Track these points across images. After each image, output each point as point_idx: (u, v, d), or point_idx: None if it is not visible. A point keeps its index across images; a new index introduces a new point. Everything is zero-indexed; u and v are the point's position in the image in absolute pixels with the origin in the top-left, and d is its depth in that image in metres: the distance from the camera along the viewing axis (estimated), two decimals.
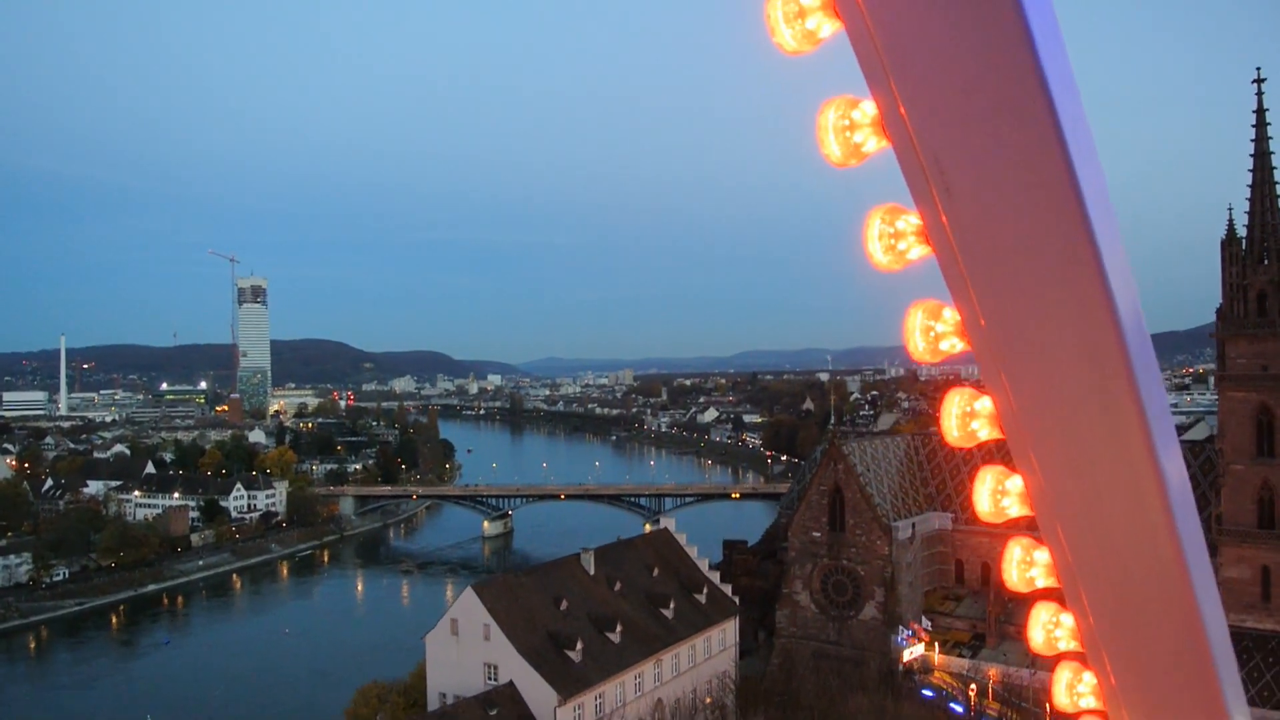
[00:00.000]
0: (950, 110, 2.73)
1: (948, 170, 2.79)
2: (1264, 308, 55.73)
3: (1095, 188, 2.68)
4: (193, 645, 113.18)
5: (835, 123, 3.13)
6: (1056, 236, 2.71)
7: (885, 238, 3.19)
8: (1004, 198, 2.76)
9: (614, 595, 57.34)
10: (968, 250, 2.90)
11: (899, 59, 2.76)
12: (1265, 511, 55.83)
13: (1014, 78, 2.58)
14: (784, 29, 3.01)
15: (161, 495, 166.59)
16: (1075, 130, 2.62)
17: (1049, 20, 2.59)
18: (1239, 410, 56.29)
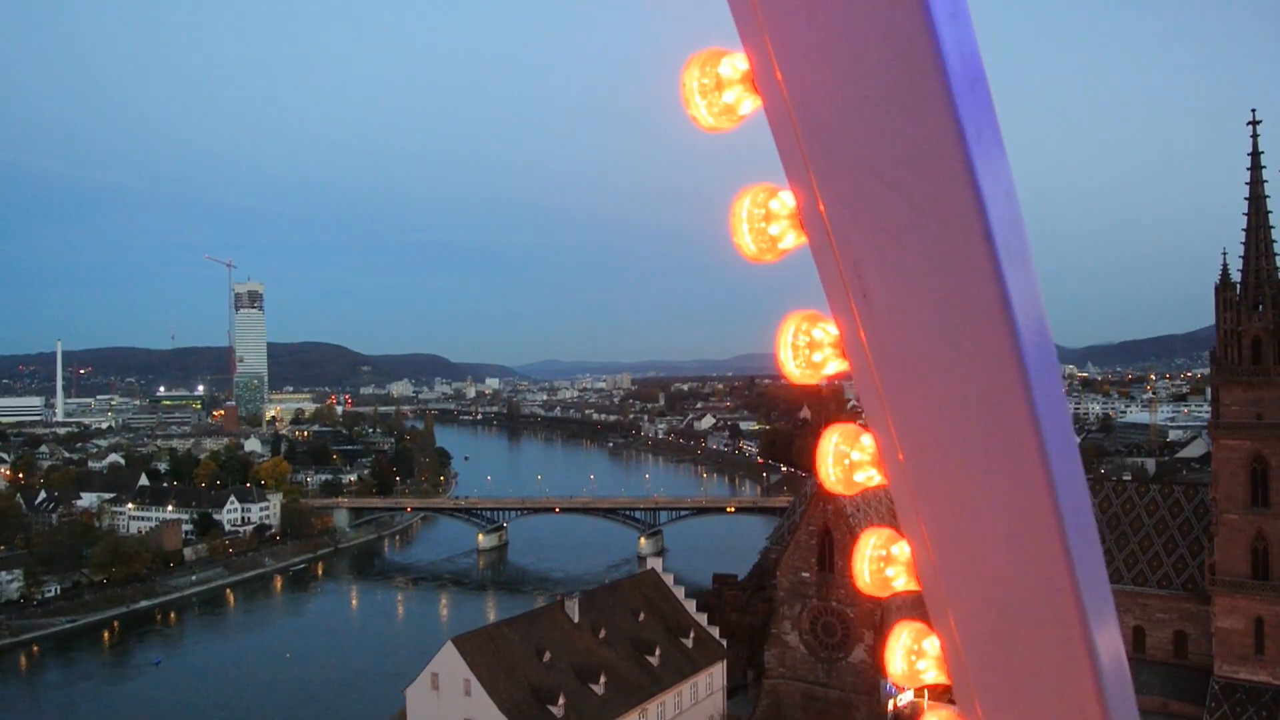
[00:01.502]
0: (872, 210, 2.46)
1: (866, 275, 2.53)
2: (1259, 355, 55.03)
3: (1027, 303, 2.40)
4: (184, 666, 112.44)
5: (750, 211, 2.82)
6: (982, 361, 2.44)
7: (800, 349, 2.86)
8: (926, 311, 2.49)
9: (598, 643, 56.58)
10: (884, 369, 2.61)
11: (817, 145, 2.49)
12: (1259, 562, 55.15)
13: (945, 178, 2.33)
14: (698, 100, 2.73)
15: (155, 508, 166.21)
16: (1008, 238, 2.36)
17: (986, 117, 2.34)
18: (1233, 459, 55.59)
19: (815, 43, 2.42)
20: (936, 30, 2.25)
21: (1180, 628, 60.32)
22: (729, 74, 2.71)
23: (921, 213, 2.39)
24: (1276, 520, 54.61)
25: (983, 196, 2.31)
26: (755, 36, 2.51)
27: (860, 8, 2.32)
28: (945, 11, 2.28)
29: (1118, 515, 64.06)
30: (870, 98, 2.37)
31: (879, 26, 2.31)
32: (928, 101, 2.29)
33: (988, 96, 2.39)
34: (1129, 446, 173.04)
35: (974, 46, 2.36)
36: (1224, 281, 56.37)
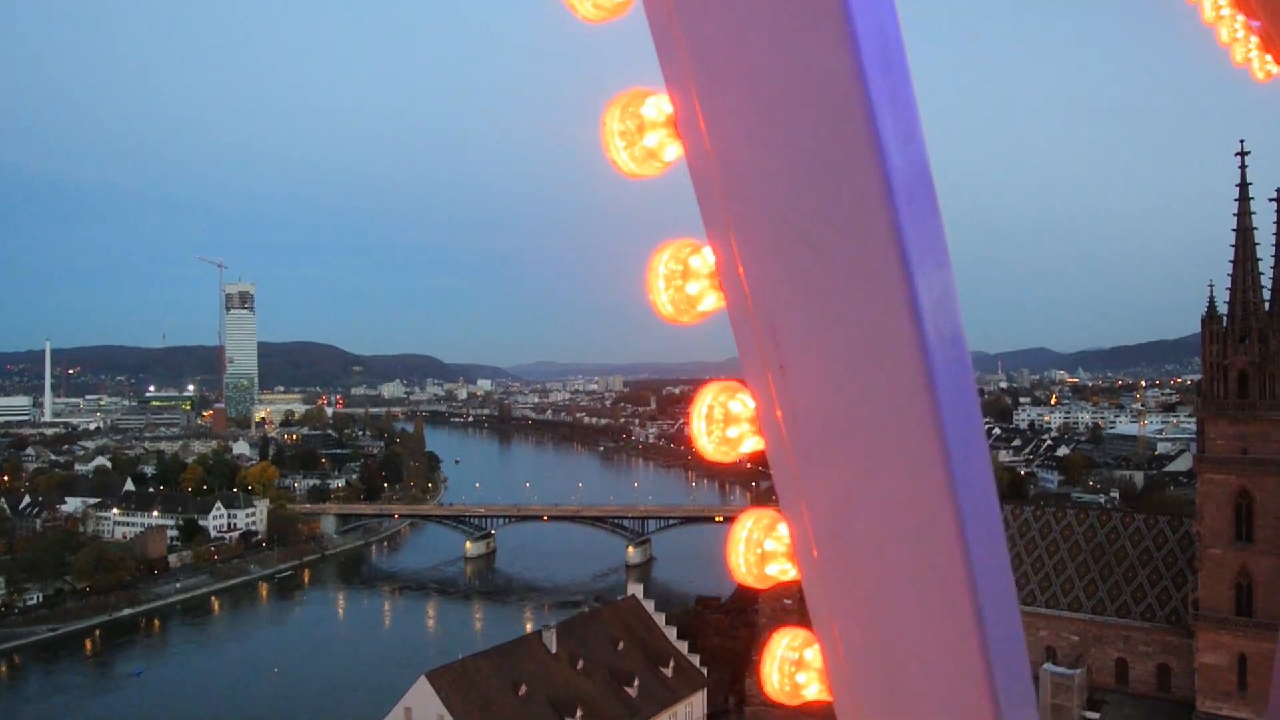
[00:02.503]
0: (792, 274, 2.32)
1: (783, 344, 2.38)
2: (1245, 388, 54.55)
3: (955, 389, 2.27)
4: (165, 677, 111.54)
5: (669, 267, 2.62)
6: (903, 453, 2.29)
7: (715, 421, 2.64)
8: (844, 391, 2.35)
9: (576, 674, 55.93)
10: (799, 452, 2.43)
11: (738, 199, 2.34)
12: (1243, 598, 54.69)
13: (870, 244, 2.21)
14: (618, 144, 2.55)
15: (141, 513, 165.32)
16: (938, 316, 2.24)
17: (920, 177, 2.24)
18: (1217, 493, 55.14)
19: (741, 89, 2.26)
20: (866, 77, 2.12)
21: (1163, 661, 59.85)
22: (653, 116, 2.53)
23: (842, 280, 2.25)
24: (1261, 556, 54.18)
25: (910, 268, 2.16)
26: (680, 79, 2.35)
27: (788, 54, 2.17)
28: (877, 57, 2.14)
29: (1102, 545, 63.58)
30: (795, 150, 2.23)
31: (806, 72, 2.17)
32: (855, 156, 2.16)
33: (922, 154, 2.24)
34: (1117, 459, 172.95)
35: (909, 97, 2.22)
36: (1210, 314, 55.89)
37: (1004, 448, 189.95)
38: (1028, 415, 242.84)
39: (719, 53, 2.29)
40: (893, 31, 2.23)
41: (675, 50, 2.34)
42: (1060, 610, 62.90)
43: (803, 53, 2.18)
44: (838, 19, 2.13)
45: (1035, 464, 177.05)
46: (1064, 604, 63.01)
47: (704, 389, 2.72)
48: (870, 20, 2.16)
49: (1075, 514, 67.86)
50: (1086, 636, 61.70)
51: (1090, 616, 61.60)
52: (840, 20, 2.13)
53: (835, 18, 2.14)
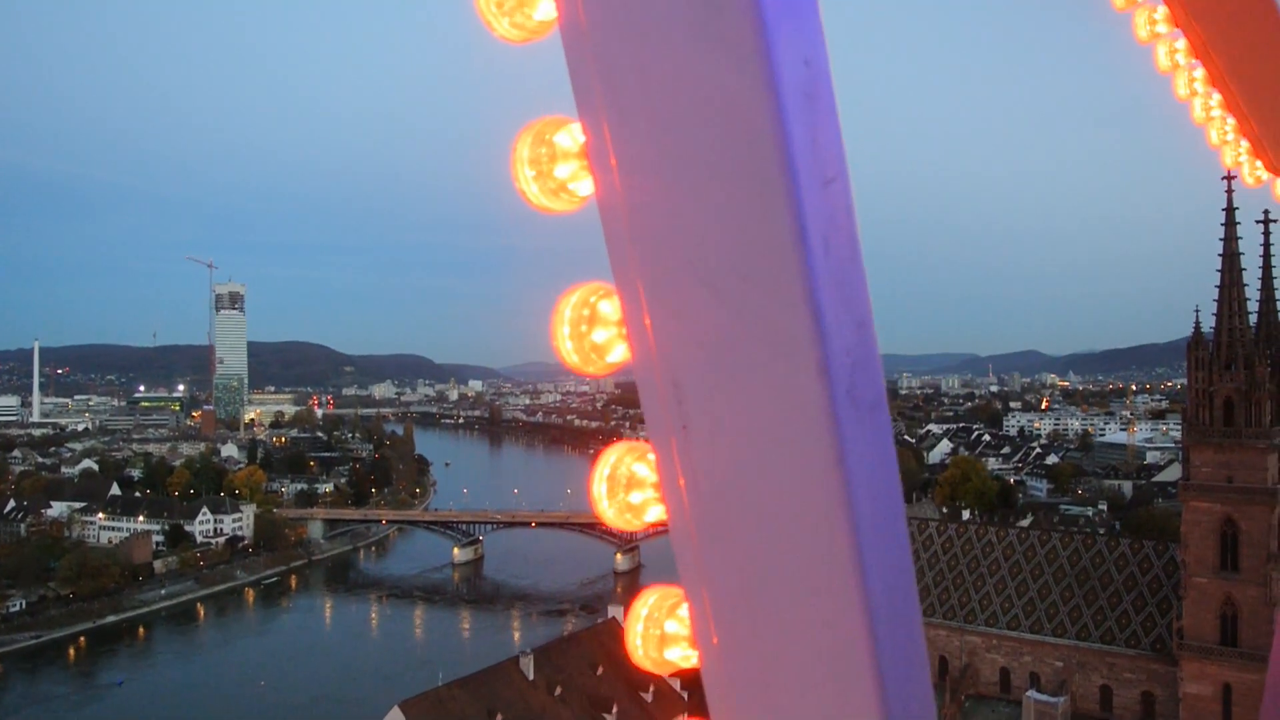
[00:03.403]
0: (698, 325, 2.10)
1: (686, 401, 2.16)
2: (1230, 416, 54.05)
3: (870, 459, 2.05)
4: (147, 687, 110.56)
5: (576, 313, 2.42)
6: (808, 524, 2.05)
7: (618, 485, 2.41)
8: (748, 457, 2.10)
9: (554, 701, 55.21)
10: (700, 524, 2.19)
11: (647, 241, 2.12)
12: (1228, 627, 54.22)
13: (780, 296, 2.00)
14: (526, 172, 2.39)
15: (126, 518, 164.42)
16: (854, 379, 2.04)
17: (840, 224, 2.05)
18: (1203, 522, 54.64)
19: (652, 119, 2.06)
20: (783, 110, 1.92)
21: (1148, 689, 59.41)
22: (567, 145, 2.34)
23: (749, 336, 2.03)
24: (1247, 586, 53.71)
25: (823, 325, 1.96)
26: (592, 106, 2.14)
27: (700, 80, 1.98)
28: (797, 89, 1.93)
29: (1086, 569, 63.10)
30: (705, 189, 2.03)
31: (718, 103, 1.97)
32: (765, 197, 1.95)
33: (845, 198, 2.03)
34: (1106, 468, 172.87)
35: (833, 134, 2.01)
36: (1196, 340, 55.36)
37: (993, 455, 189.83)
38: (1017, 421, 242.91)
39: (632, 78, 2.05)
40: (818, 62, 2.00)
41: (588, 73, 2.10)
42: (1044, 635, 62.43)
43: (715, 80, 1.94)
44: (752, 43, 1.89)
45: (1024, 472, 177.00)
46: (1048, 629, 62.53)
47: (609, 449, 2.47)
48: (791, 47, 1.93)
49: (1060, 537, 67.44)
50: (1070, 663, 61.23)
51: (1074, 642, 61.14)
52: (755, 45, 1.89)
53: (749, 42, 1.89)
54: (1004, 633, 63.61)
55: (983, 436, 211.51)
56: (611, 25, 2.08)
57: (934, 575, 67.93)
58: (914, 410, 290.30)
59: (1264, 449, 53.41)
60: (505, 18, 2.41)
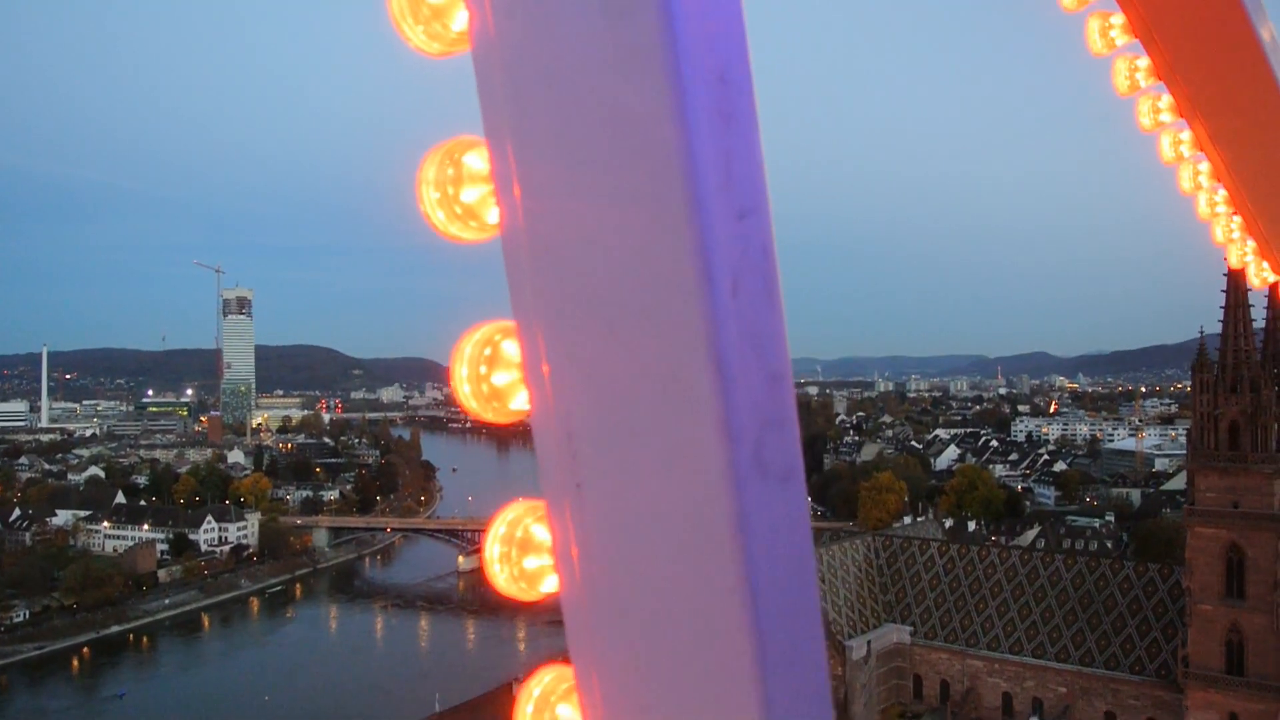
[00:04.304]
0: (596, 373, 1.87)
1: (582, 458, 1.90)
2: (1236, 440, 53.00)
3: (773, 531, 1.80)
4: (149, 698, 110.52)
5: (473, 355, 2.22)
6: (704, 600, 1.81)
7: (511, 545, 2.20)
8: (644, 519, 1.84)
9: None
10: (591, 593, 1.93)
11: (549, 278, 1.90)
12: (1233, 655, 53.19)
13: (681, 342, 1.78)
14: (431, 194, 2.23)
15: (131, 526, 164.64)
16: (761, 442, 1.80)
17: (754, 263, 1.82)
18: (1208, 548, 53.64)
19: (557, 142, 1.86)
20: (690, 132, 1.71)
21: (1153, 716, 58.40)
22: (477, 167, 2.16)
23: (648, 386, 1.80)
24: (1253, 614, 52.70)
25: (726, 377, 1.72)
26: (498, 132, 1.94)
27: (604, 97, 1.78)
28: (710, 108, 1.73)
29: (1090, 592, 62.11)
30: (607, 220, 1.82)
31: (622, 124, 1.77)
32: (667, 231, 1.74)
33: (762, 233, 1.79)
34: (1114, 476, 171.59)
35: (753, 160, 1.78)
36: (1201, 362, 54.34)
37: (1001, 461, 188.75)
38: (1025, 426, 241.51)
39: (539, 94, 1.84)
40: (737, 78, 1.77)
41: (495, 89, 1.88)
42: (1047, 660, 61.49)
43: (620, 96, 1.74)
44: (656, 54, 1.69)
45: (1032, 479, 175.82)
46: (1051, 653, 61.60)
47: (507, 508, 2.23)
48: (702, 59, 1.71)
49: (1063, 559, 66.58)
50: (1074, 688, 60.29)
51: (1078, 668, 60.20)
52: (659, 56, 1.68)
53: (654, 52, 1.69)
54: (1006, 657, 62.69)
55: (990, 442, 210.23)
56: (520, 34, 1.84)
57: (935, 597, 67.08)
58: (922, 414, 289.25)
59: (1270, 474, 52.41)
60: (420, 26, 2.19)
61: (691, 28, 1.67)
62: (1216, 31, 5.79)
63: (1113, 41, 5.82)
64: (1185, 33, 5.98)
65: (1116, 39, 5.80)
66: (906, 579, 68.93)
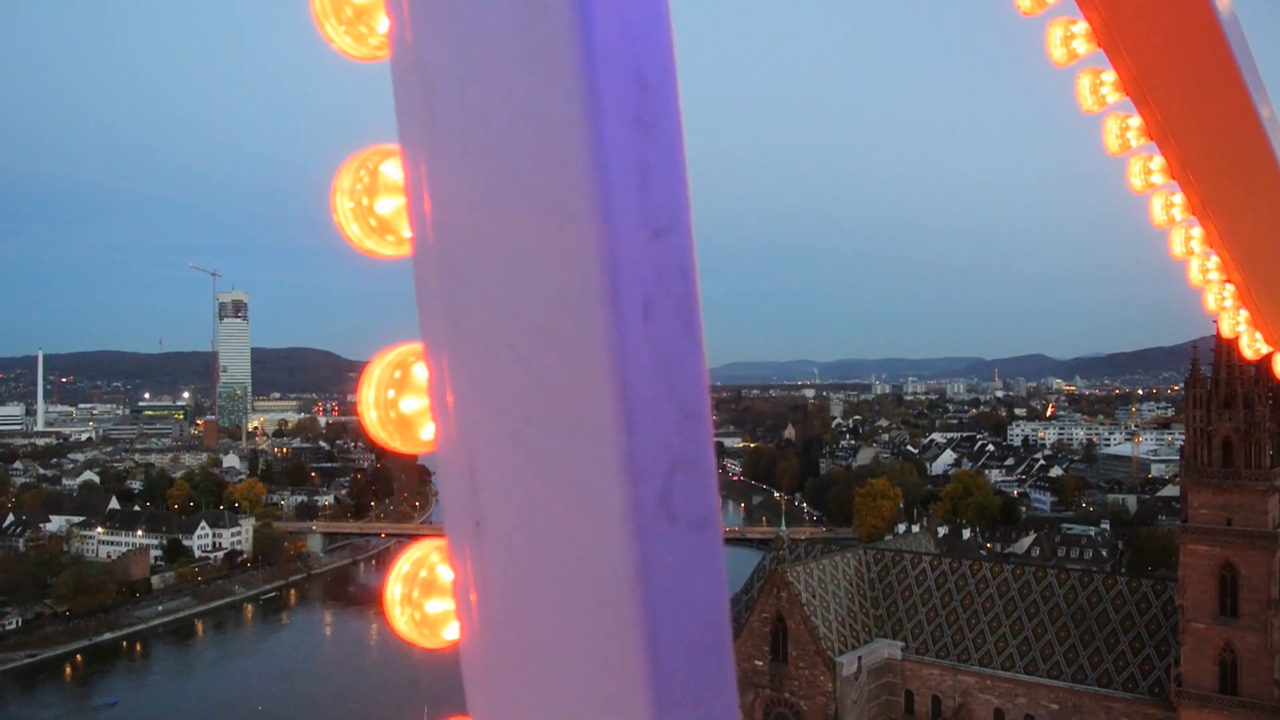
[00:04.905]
0: (499, 398, 1.74)
1: (482, 491, 1.78)
2: (1229, 457, 52.48)
3: (693, 576, 1.66)
4: (140, 706, 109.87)
5: (382, 378, 2.15)
6: (604, 659, 1.66)
7: (414, 585, 2.11)
8: (543, 562, 1.70)
9: None
10: (490, 642, 1.82)
11: (455, 299, 1.79)
12: (1227, 675, 52.66)
13: (581, 366, 1.64)
14: (345, 203, 2.16)
15: (125, 532, 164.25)
16: (670, 485, 1.64)
17: (671, 284, 1.66)
18: (1201, 565, 53.14)
19: (471, 158, 1.74)
20: (600, 141, 1.55)
21: None
22: (395, 178, 2.07)
23: (551, 418, 1.65)
24: (1247, 633, 52.21)
25: (630, 410, 1.55)
26: (412, 140, 1.85)
27: (521, 112, 1.64)
28: (625, 114, 1.57)
29: (1083, 608, 61.59)
30: (515, 236, 1.68)
31: (530, 132, 1.63)
32: (573, 247, 1.58)
33: (682, 254, 1.64)
34: (1110, 482, 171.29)
35: (675, 178, 1.62)
36: (1194, 377, 53.88)
37: (997, 467, 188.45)
38: (1022, 431, 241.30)
39: (452, 98, 1.72)
40: (659, 84, 1.61)
41: (411, 94, 1.78)
42: (1039, 677, 60.97)
43: (532, 101, 1.60)
44: (567, 54, 1.53)
45: (1028, 484, 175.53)
46: (1043, 670, 61.07)
47: (415, 543, 2.12)
48: (618, 62, 1.55)
49: (1056, 574, 66.07)
50: (1066, 706, 59.74)
51: (1070, 685, 59.66)
52: (570, 56, 1.53)
53: (565, 51, 1.53)
54: (998, 673, 62.17)
55: (986, 447, 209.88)
56: (436, 33, 1.72)
57: (927, 612, 66.62)
58: (918, 418, 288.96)
59: (1264, 491, 51.95)
60: (343, 27, 2.11)
61: (609, 27, 1.53)
62: (1211, 94, 5.52)
63: (1104, 99, 5.64)
64: (1178, 93, 5.71)
65: (1108, 96, 5.63)
66: (898, 593, 68.40)
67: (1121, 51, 5.42)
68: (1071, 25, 5.30)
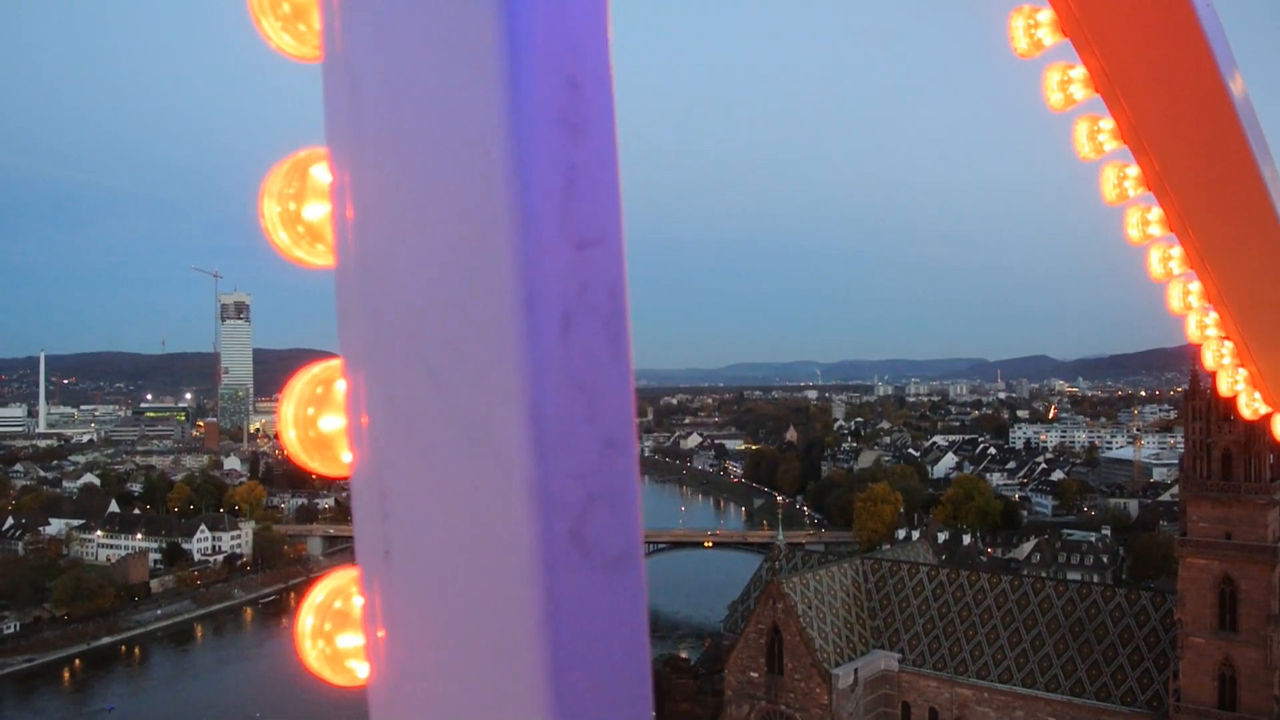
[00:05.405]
0: (413, 420, 1.61)
1: (391, 519, 1.66)
2: (1229, 469, 51.84)
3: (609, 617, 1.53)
4: (137, 713, 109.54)
5: (303, 394, 2.00)
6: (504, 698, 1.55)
7: (322, 616, 1.94)
8: (448, 599, 1.56)
9: None
10: (401, 691, 1.69)
11: (375, 311, 1.72)
12: (1226, 690, 52.04)
13: (492, 383, 1.52)
14: (272, 208, 2.05)
15: (124, 536, 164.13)
16: (585, 520, 1.52)
17: (597, 299, 1.56)
18: (1200, 579, 52.54)
19: (394, 162, 1.64)
20: (520, 146, 1.45)
21: None
22: (325, 184, 1.96)
23: (462, 435, 1.52)
24: (1246, 648, 51.58)
25: (544, 434, 1.43)
26: (338, 143, 1.75)
27: (444, 112, 1.53)
28: (552, 117, 1.47)
29: (1081, 620, 60.97)
30: (438, 240, 1.56)
31: (459, 138, 1.51)
32: (487, 256, 1.47)
33: (612, 267, 1.54)
34: (1112, 485, 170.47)
35: (606, 186, 1.53)
36: (1193, 389, 53.25)
37: (998, 470, 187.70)
38: (1023, 433, 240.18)
39: (378, 98, 1.62)
40: (592, 85, 1.51)
41: (339, 95, 1.68)
42: (1037, 690, 60.39)
43: (453, 102, 1.49)
44: (492, 50, 1.43)
45: (1029, 488, 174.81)
46: (1041, 683, 60.49)
47: (335, 572, 1.96)
48: (546, 59, 1.46)
49: (1054, 586, 65.51)
50: (1064, 719, 59.19)
51: (1068, 698, 59.07)
52: (496, 52, 1.43)
53: (488, 46, 1.43)
54: (995, 685, 61.61)
55: (988, 450, 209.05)
56: (364, 31, 1.62)
57: (924, 623, 66.06)
58: (920, 420, 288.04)
59: (1264, 504, 51.37)
60: (280, 23, 2.00)
61: (536, 24, 1.44)
62: (1211, 147, 5.32)
63: (1101, 146, 5.49)
64: (1177, 144, 5.48)
65: (1105, 144, 5.48)
66: (895, 604, 67.82)
67: (1120, 99, 5.20)
68: (1069, 70, 5.14)
